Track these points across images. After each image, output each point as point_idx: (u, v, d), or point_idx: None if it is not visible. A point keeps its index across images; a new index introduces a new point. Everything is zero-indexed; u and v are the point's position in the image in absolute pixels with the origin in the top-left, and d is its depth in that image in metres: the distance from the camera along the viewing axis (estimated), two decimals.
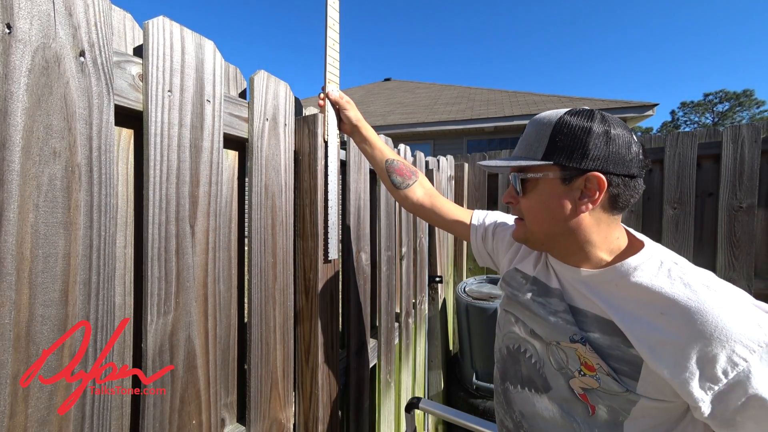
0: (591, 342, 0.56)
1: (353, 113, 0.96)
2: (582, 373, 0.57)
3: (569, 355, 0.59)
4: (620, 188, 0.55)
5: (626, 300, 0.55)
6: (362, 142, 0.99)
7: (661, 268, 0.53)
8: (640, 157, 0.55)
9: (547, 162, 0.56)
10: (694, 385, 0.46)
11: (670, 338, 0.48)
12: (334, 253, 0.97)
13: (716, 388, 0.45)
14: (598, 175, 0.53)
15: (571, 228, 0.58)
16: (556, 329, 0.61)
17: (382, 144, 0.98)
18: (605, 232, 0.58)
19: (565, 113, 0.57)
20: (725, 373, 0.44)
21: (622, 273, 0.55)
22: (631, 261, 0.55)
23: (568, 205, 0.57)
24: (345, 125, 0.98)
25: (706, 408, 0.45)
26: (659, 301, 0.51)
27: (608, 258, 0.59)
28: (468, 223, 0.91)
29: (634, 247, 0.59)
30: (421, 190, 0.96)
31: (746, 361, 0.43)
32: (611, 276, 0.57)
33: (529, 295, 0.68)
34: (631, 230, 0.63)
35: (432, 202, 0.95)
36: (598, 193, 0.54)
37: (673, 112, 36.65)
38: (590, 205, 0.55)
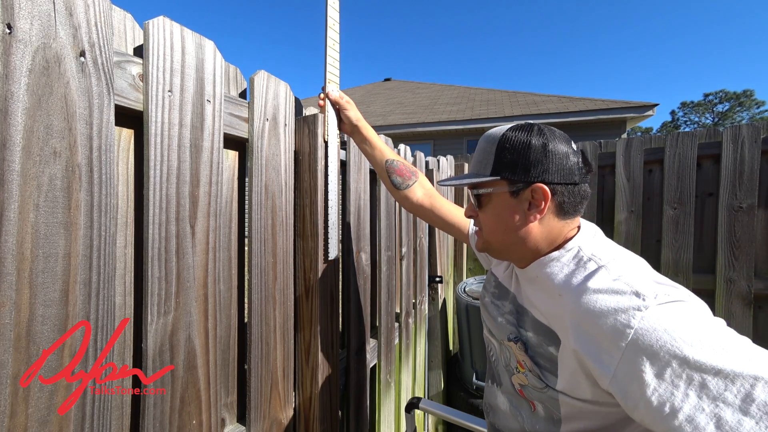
0: (524, 341, 0.60)
1: (353, 113, 0.96)
2: (517, 369, 0.61)
3: (510, 353, 0.63)
4: (565, 196, 0.58)
5: (540, 291, 0.58)
6: (362, 142, 0.99)
7: (576, 256, 0.56)
8: (580, 165, 0.58)
9: (494, 177, 0.60)
10: (598, 361, 0.46)
11: (565, 318, 0.51)
12: (334, 253, 0.97)
13: (611, 369, 0.45)
14: (542, 186, 0.56)
15: (523, 237, 0.60)
16: (501, 329, 0.66)
17: (382, 144, 0.98)
18: (555, 237, 0.60)
19: (507, 129, 0.60)
20: (614, 349, 0.44)
21: (541, 265, 0.59)
22: (552, 254, 0.59)
23: (519, 217, 0.60)
24: (345, 125, 0.98)
25: (615, 390, 0.45)
26: (558, 285, 0.55)
27: None
28: (466, 232, 0.93)
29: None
30: (421, 190, 0.96)
31: (631, 330, 0.43)
32: (533, 271, 0.61)
33: (489, 297, 0.74)
34: (586, 227, 0.63)
35: (432, 203, 0.95)
36: (544, 203, 0.57)
37: (673, 112, 36.67)
38: (538, 215, 0.58)
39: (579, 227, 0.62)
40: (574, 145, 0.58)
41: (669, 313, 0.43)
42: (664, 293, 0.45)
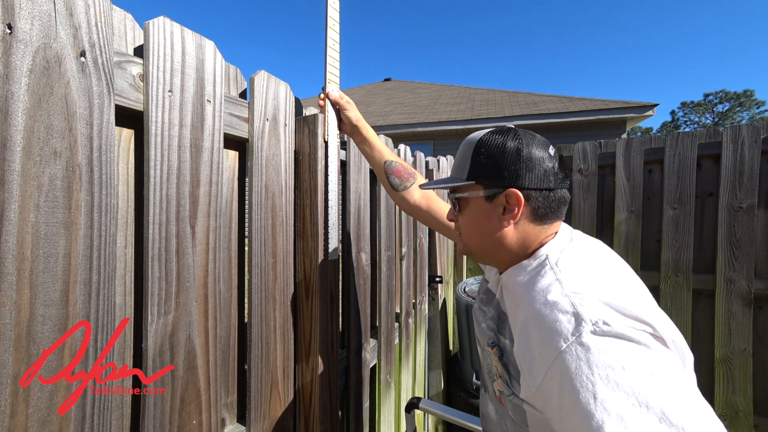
0: (501, 347, 0.59)
1: (353, 113, 0.96)
2: (497, 376, 0.60)
3: (491, 359, 0.62)
4: (539, 201, 0.57)
5: (509, 298, 0.58)
6: (362, 142, 0.99)
7: (541, 264, 0.55)
8: (556, 170, 0.57)
9: (470, 182, 0.60)
10: (529, 371, 0.47)
11: (517, 327, 0.52)
12: (334, 253, 0.97)
13: (537, 382, 0.45)
14: (515, 191, 0.56)
15: (498, 241, 0.60)
16: (483, 334, 0.65)
17: (381, 145, 0.98)
18: (531, 242, 0.59)
19: (485, 133, 0.60)
20: (542, 364, 0.45)
21: (512, 272, 0.59)
22: (523, 261, 0.58)
23: (494, 221, 0.59)
24: (345, 125, 0.98)
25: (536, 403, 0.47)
26: (518, 294, 0.55)
27: None
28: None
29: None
30: (418, 192, 0.97)
31: (558, 351, 0.43)
32: (506, 277, 0.61)
33: (478, 303, 0.73)
34: (562, 233, 0.61)
35: (429, 205, 0.96)
36: (517, 208, 0.56)
37: (673, 113, 36.66)
38: (512, 221, 0.58)
39: (557, 232, 0.61)
40: (551, 150, 0.58)
41: (598, 346, 0.41)
42: (605, 322, 0.42)
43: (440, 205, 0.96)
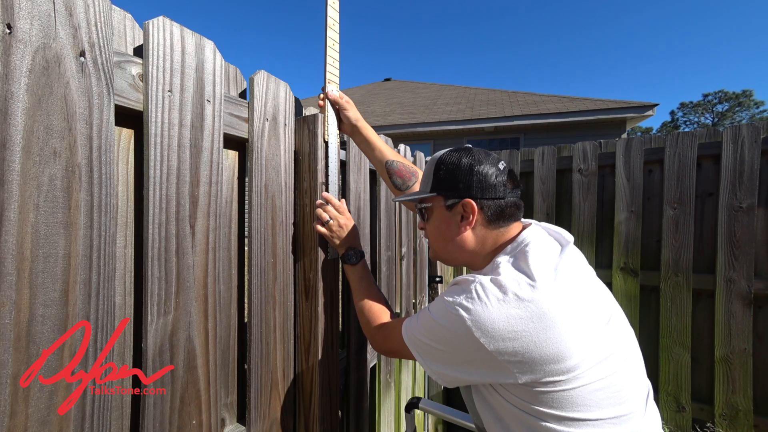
0: None
1: (353, 113, 0.96)
2: None
3: None
4: (491, 209, 0.67)
5: None
6: (362, 142, 0.99)
7: (468, 277, 0.62)
8: (505, 182, 0.67)
9: (432, 194, 0.70)
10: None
11: None
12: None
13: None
14: (469, 201, 0.66)
15: (460, 244, 0.70)
16: None
17: (382, 144, 0.99)
18: (492, 243, 0.68)
19: (446, 152, 0.71)
20: None
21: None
22: (485, 267, 0.68)
23: (453, 227, 0.69)
24: (345, 125, 0.98)
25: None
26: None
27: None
28: None
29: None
30: None
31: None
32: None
33: None
34: (528, 232, 0.67)
35: None
36: (472, 215, 0.67)
37: (672, 113, 36.68)
38: (468, 226, 0.68)
39: (517, 234, 0.68)
40: (501, 165, 0.67)
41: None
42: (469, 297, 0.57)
43: None
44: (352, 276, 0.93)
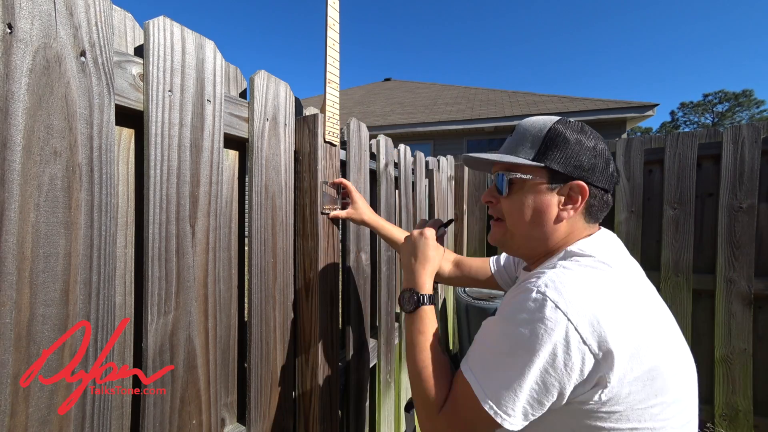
0: None
1: (357, 215, 1.00)
2: None
3: None
4: (597, 199, 0.59)
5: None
6: (375, 231, 1.03)
7: (565, 255, 0.57)
8: (615, 175, 0.60)
9: (538, 164, 0.58)
10: None
11: None
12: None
13: None
14: (582, 183, 0.56)
15: (549, 232, 0.59)
16: None
17: (390, 226, 1.02)
18: (574, 238, 0.59)
19: (556, 121, 0.59)
20: None
21: (523, 278, 0.62)
22: (541, 266, 0.59)
23: (552, 209, 0.58)
24: (356, 220, 1.02)
25: None
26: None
27: None
28: (491, 274, 0.94)
29: None
30: (447, 264, 0.99)
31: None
32: (519, 280, 0.63)
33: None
34: (606, 243, 0.59)
35: (461, 271, 0.98)
36: (580, 200, 0.57)
37: (672, 113, 36.70)
38: (572, 212, 0.58)
39: (594, 234, 0.60)
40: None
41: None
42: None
43: (470, 264, 0.98)
44: (407, 326, 0.69)
